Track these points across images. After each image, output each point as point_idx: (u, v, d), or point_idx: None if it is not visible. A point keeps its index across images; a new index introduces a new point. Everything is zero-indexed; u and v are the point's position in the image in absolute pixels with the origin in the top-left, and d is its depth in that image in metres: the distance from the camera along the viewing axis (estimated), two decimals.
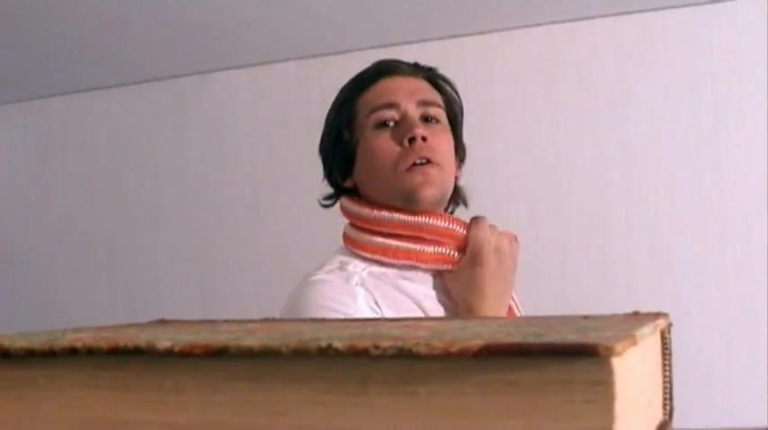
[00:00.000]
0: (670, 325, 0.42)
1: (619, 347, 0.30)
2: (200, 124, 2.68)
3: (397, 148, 1.17)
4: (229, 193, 2.59)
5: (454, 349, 0.31)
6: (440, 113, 1.22)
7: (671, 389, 0.41)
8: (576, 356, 0.30)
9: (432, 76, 1.27)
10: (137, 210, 2.73)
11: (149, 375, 0.35)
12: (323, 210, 1.26)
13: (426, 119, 1.20)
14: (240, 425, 0.34)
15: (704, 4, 2.14)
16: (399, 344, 0.32)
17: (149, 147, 2.75)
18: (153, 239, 2.69)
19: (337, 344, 0.33)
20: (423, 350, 0.32)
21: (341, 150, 1.23)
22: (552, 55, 2.27)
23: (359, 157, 1.22)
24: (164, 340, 0.35)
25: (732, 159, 2.12)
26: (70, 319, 2.68)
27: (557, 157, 2.24)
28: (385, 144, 1.18)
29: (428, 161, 1.15)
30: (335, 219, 1.24)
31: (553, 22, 2.25)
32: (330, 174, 1.27)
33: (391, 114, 1.19)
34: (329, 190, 1.25)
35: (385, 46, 2.32)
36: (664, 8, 2.16)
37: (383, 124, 1.19)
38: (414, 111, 1.19)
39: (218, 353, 0.34)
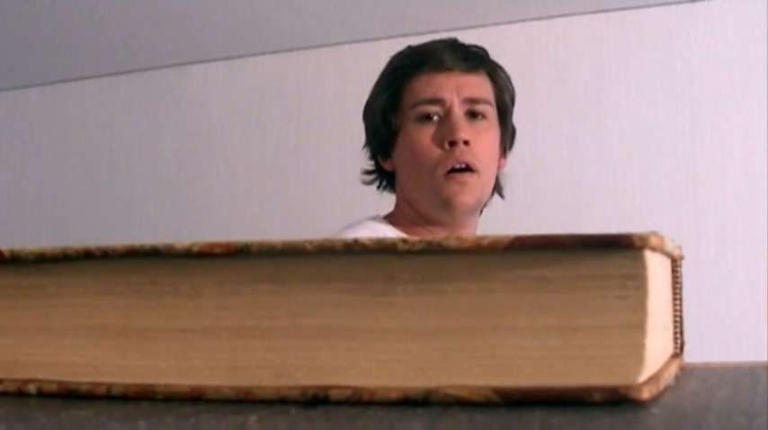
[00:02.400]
0: (682, 257, 0.41)
1: (653, 240, 0.30)
2: (177, 117, 2.66)
3: (438, 150, 1.15)
4: (205, 186, 2.58)
5: (485, 242, 0.30)
6: (487, 110, 1.20)
7: (681, 323, 0.41)
8: (609, 248, 0.29)
9: (484, 66, 1.24)
10: (111, 203, 2.71)
11: (164, 279, 0.34)
12: (298, 202, 1.27)
13: (473, 114, 1.18)
14: (259, 329, 0.33)
15: (681, 3, 2.15)
16: (428, 239, 0.31)
17: (125, 140, 2.72)
18: (127, 232, 2.67)
19: (364, 241, 0.31)
20: (453, 244, 0.31)
21: (383, 132, 1.22)
22: (529, 52, 2.27)
23: (399, 146, 1.21)
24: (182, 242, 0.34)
25: (707, 156, 2.13)
26: None
27: (532, 154, 2.24)
28: (425, 142, 1.16)
29: (467, 167, 1.14)
30: (310, 213, 1.24)
31: (530, 20, 2.25)
32: (370, 147, 1.27)
33: (435, 110, 1.18)
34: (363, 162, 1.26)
35: (362, 41, 2.32)
36: (640, 6, 2.17)
37: (426, 118, 1.18)
38: (459, 108, 1.17)
39: (239, 252, 0.33)
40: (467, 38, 1.34)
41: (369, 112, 1.27)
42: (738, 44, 2.12)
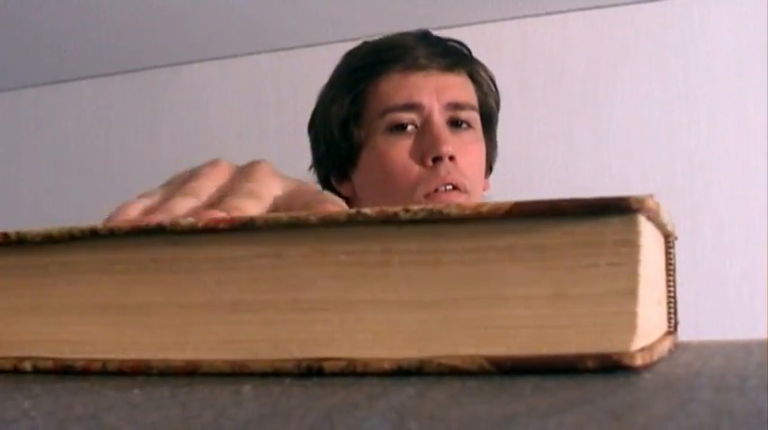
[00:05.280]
0: (676, 238, 0.42)
1: (649, 202, 0.31)
2: (172, 116, 2.66)
3: (417, 167, 0.96)
4: None
5: (485, 209, 0.31)
6: (472, 117, 1.01)
7: (675, 302, 0.41)
8: (606, 212, 0.30)
9: (465, 66, 1.02)
10: (107, 203, 2.70)
11: (166, 256, 0.34)
12: None
13: (456, 123, 0.99)
14: (256, 303, 0.33)
15: None
16: (429, 207, 0.32)
17: (119, 140, 2.72)
18: None
19: (367, 211, 0.32)
20: (453, 211, 0.31)
21: (342, 147, 1.01)
22: (524, 48, 2.28)
23: (363, 164, 1.00)
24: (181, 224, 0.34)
25: (703, 152, 2.13)
26: None
27: (528, 151, 2.25)
28: (401, 158, 0.96)
29: (455, 188, 0.96)
30: None
31: (525, 16, 2.26)
32: (320, 168, 1.05)
33: (411, 117, 0.97)
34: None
35: (358, 39, 2.32)
36: (635, 3, 2.18)
37: (400, 128, 0.97)
38: (440, 115, 0.97)
39: (244, 227, 0.33)
40: (462, 36, 1.25)
41: (320, 123, 1.05)
42: (734, 40, 2.12)
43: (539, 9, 2.23)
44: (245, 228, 0.33)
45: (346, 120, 1.01)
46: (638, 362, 0.29)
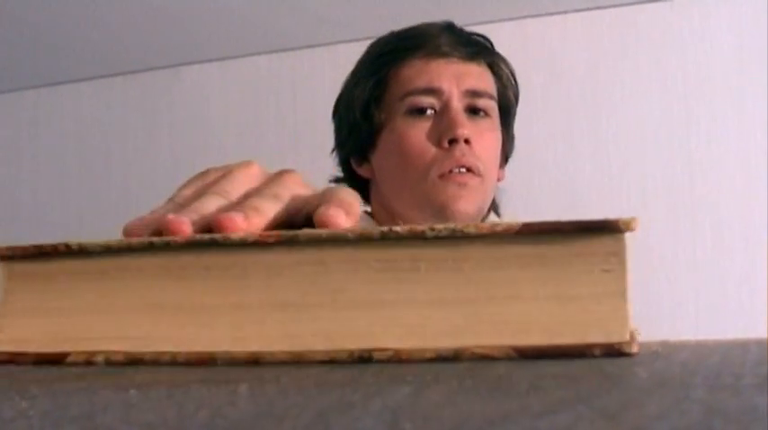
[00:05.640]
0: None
1: (633, 223, 0.37)
2: (171, 117, 2.66)
3: (433, 149, 0.98)
4: None
5: (499, 228, 0.37)
6: (490, 106, 1.03)
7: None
8: (599, 231, 0.36)
9: (486, 57, 1.06)
10: (107, 205, 2.71)
11: (218, 265, 0.38)
12: None
13: (473, 111, 1.02)
14: (302, 303, 0.38)
15: None
16: (451, 226, 0.37)
17: (120, 141, 2.73)
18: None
19: (398, 229, 0.37)
20: (472, 230, 0.37)
21: (363, 129, 1.03)
22: (524, 49, 2.28)
23: (382, 145, 1.02)
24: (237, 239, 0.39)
25: (703, 153, 2.13)
26: None
27: (527, 151, 2.25)
28: (418, 139, 0.98)
29: (469, 170, 0.98)
30: None
31: (525, 17, 2.26)
32: (342, 151, 1.08)
33: (430, 101, 1.00)
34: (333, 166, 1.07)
35: (358, 40, 2.32)
36: (635, 3, 2.18)
37: (419, 111, 1.00)
38: (458, 101, 1.00)
39: (289, 241, 0.38)
40: None
41: (343, 107, 1.07)
42: (734, 40, 2.12)
43: (539, 9, 2.23)
44: (290, 242, 0.38)
45: (368, 103, 1.03)
46: (635, 349, 0.35)
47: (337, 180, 1.09)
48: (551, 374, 0.30)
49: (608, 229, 0.36)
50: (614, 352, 0.35)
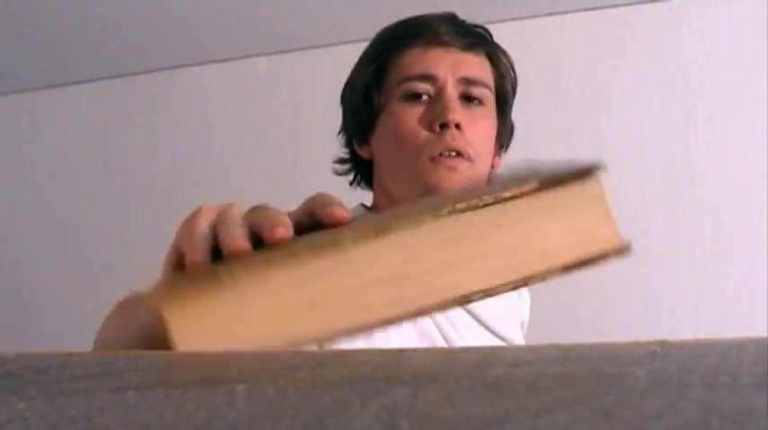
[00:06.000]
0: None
1: (603, 166, 0.49)
2: (171, 120, 2.66)
3: (425, 132, 1.01)
4: (199, 189, 2.58)
5: (523, 189, 0.48)
6: (485, 95, 1.06)
7: None
8: (584, 174, 0.49)
9: (485, 47, 1.09)
10: (106, 207, 2.71)
11: (330, 258, 0.47)
12: (294, 204, 1.23)
13: (468, 98, 1.04)
14: (397, 276, 0.47)
15: None
16: (495, 194, 0.48)
17: (119, 143, 2.73)
18: (122, 235, 2.67)
19: (460, 206, 0.47)
20: (507, 194, 0.48)
21: (363, 112, 1.08)
22: (522, 50, 2.27)
23: (379, 128, 1.07)
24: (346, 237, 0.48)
25: (702, 153, 2.13)
26: (39, 312, 2.66)
27: (526, 152, 2.24)
28: (411, 123, 1.02)
29: (459, 154, 1.01)
30: None
31: (524, 17, 2.26)
32: (345, 133, 1.12)
33: (426, 87, 1.03)
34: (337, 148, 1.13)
35: (357, 41, 2.32)
36: (634, 4, 2.18)
37: (415, 96, 1.03)
38: (453, 88, 1.03)
39: (384, 231, 0.47)
40: None
41: (348, 91, 1.12)
42: (732, 40, 2.12)
43: (538, 10, 2.23)
44: (385, 232, 0.47)
45: (368, 87, 1.07)
46: (629, 251, 0.48)
47: (340, 161, 1.14)
48: (549, 374, 0.30)
49: (591, 171, 0.49)
50: (622, 253, 0.48)
